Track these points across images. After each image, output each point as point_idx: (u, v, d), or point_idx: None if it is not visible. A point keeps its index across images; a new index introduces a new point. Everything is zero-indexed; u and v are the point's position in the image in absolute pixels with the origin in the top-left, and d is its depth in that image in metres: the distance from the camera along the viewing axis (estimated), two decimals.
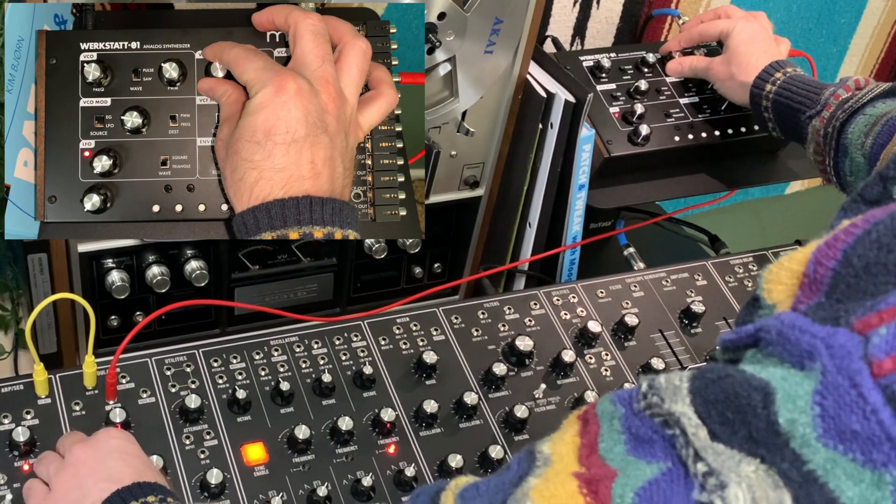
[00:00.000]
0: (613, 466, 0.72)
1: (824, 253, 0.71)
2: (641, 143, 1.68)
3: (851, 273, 0.69)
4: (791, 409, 0.64)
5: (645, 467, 0.70)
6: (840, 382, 0.62)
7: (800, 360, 0.66)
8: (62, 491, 1.08)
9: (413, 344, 1.41)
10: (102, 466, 1.09)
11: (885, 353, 0.62)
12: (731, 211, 2.24)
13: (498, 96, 1.56)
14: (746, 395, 0.66)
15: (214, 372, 1.33)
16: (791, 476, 0.63)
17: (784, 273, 0.75)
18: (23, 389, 1.26)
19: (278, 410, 1.31)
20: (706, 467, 0.66)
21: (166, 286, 1.45)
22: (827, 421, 0.62)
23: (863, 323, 0.64)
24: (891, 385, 0.61)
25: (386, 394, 1.36)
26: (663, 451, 0.70)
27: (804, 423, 0.63)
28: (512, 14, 1.45)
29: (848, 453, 0.62)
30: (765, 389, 0.66)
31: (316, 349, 1.38)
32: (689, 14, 2.05)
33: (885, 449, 0.61)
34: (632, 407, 0.74)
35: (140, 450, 1.15)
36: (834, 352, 0.64)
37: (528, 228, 1.68)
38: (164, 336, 1.53)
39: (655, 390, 0.72)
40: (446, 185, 1.61)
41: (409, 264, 1.70)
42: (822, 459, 0.63)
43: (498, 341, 1.44)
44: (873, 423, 0.61)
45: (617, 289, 1.55)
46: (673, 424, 0.70)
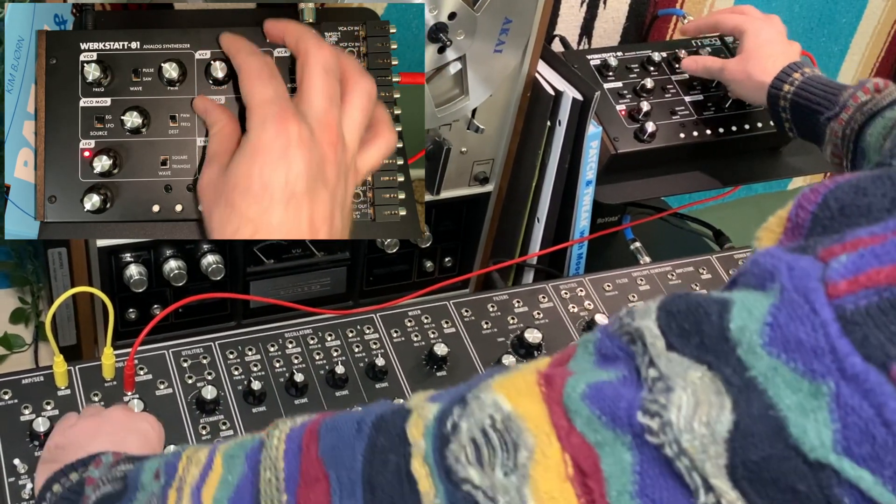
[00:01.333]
0: (571, 369, 0.73)
1: (806, 197, 0.73)
2: (647, 140, 1.67)
3: (828, 215, 0.70)
4: (745, 317, 0.64)
5: (602, 373, 0.71)
6: (795, 298, 0.63)
7: (762, 280, 0.67)
8: (80, 426, 1.11)
9: (424, 336, 1.41)
10: (120, 429, 1.10)
11: (841, 276, 0.62)
12: (735, 206, 2.24)
13: (507, 94, 1.56)
14: (706, 306, 0.67)
15: (230, 364, 1.32)
16: (733, 382, 0.64)
17: (773, 220, 0.76)
18: (43, 381, 1.25)
19: (293, 401, 1.31)
20: (657, 372, 0.67)
21: (183, 280, 1.45)
22: (775, 330, 0.63)
23: (827, 251, 0.65)
24: (843, 304, 0.61)
25: (398, 385, 1.35)
26: (624, 363, 0.71)
27: (753, 329, 0.64)
28: (521, 14, 1.45)
29: (790, 362, 0.62)
30: (723, 302, 0.67)
31: (329, 341, 1.37)
32: (694, 14, 2.05)
33: (826, 360, 0.61)
34: (607, 330, 0.74)
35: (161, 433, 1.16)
36: (794, 273, 0.64)
37: (536, 223, 1.68)
38: (181, 329, 1.52)
39: (630, 312, 0.73)
40: (457, 181, 1.61)
41: (421, 259, 1.70)
42: (763, 366, 0.63)
43: (507, 334, 1.44)
44: (820, 335, 0.61)
45: (623, 282, 1.55)
46: (637, 339, 0.70)
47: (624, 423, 0.67)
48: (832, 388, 0.60)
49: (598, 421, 0.68)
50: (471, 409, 0.74)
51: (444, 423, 0.75)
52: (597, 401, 0.68)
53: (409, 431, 0.77)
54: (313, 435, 0.83)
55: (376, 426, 0.80)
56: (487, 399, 0.74)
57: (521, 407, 0.72)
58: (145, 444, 1.11)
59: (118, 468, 0.96)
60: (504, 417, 0.72)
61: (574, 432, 0.69)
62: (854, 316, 0.61)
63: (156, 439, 1.14)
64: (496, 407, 0.73)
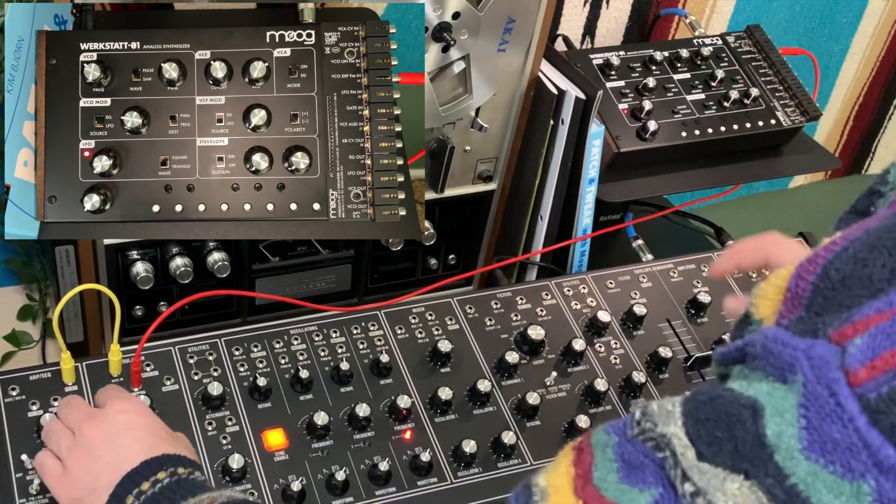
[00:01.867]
0: (609, 497, 0.71)
1: (805, 268, 0.71)
2: (649, 139, 1.67)
3: (829, 286, 0.69)
4: (779, 422, 0.63)
5: (638, 496, 0.70)
6: (820, 392, 0.62)
7: (782, 372, 0.65)
8: (75, 473, 1.08)
9: (428, 333, 1.41)
10: (112, 445, 1.08)
11: (859, 362, 0.61)
12: (736, 204, 2.23)
13: (510, 93, 1.55)
14: (737, 413, 0.66)
15: (236, 360, 1.32)
16: (775, 492, 0.63)
17: (770, 289, 0.75)
18: (50, 377, 1.25)
19: (298, 397, 1.30)
20: (693, 487, 0.66)
21: (189, 277, 1.44)
22: (811, 433, 0.62)
23: (839, 334, 0.64)
24: (865, 394, 0.60)
25: (402, 381, 1.35)
26: (654, 475, 0.70)
27: (790, 434, 0.63)
28: (524, 13, 1.44)
29: (829, 466, 0.61)
30: (753, 406, 0.65)
31: (334, 338, 1.37)
32: (695, 14, 2.04)
33: (862, 457, 0.60)
34: (625, 434, 0.73)
35: (149, 419, 1.14)
36: (814, 363, 0.63)
37: (539, 221, 1.68)
38: (187, 325, 1.52)
39: (649, 416, 0.72)
40: (460, 180, 1.60)
41: (425, 256, 1.70)
42: (803, 473, 0.62)
43: (511, 330, 1.44)
44: (850, 432, 0.60)
45: (626, 280, 1.54)
46: (664, 447, 0.69)
47: None
48: (872, 486, 0.60)
49: None
50: None
51: None
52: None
53: None
54: None
55: None
56: None
57: None
58: (138, 433, 1.10)
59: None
60: None
61: None
62: (878, 404, 0.60)
63: (138, 419, 1.12)
64: None
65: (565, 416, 1.36)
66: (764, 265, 1.35)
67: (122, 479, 1.04)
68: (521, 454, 1.32)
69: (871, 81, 2.51)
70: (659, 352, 1.43)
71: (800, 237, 1.68)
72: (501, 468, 1.30)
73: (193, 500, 1.01)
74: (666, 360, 1.43)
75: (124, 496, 1.03)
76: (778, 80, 1.81)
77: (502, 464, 1.30)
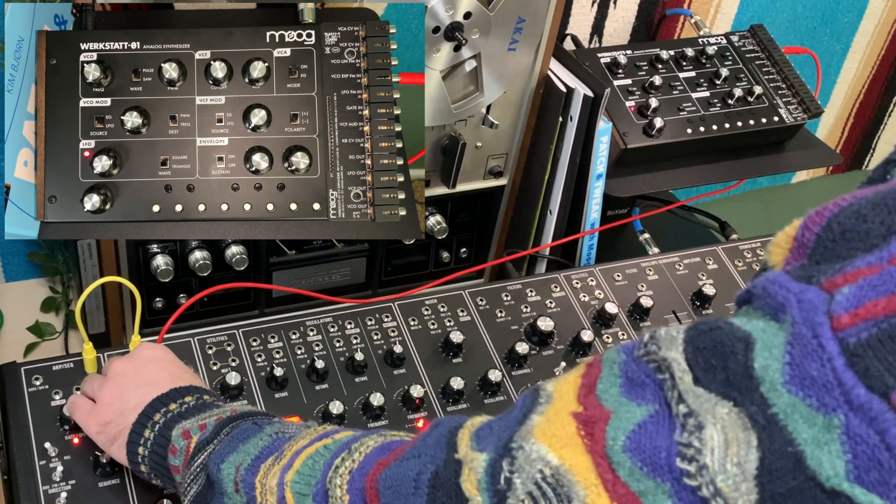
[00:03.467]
0: (608, 407, 0.74)
1: (812, 219, 0.74)
2: (656, 136, 1.66)
3: (830, 238, 0.71)
4: (766, 356, 0.66)
5: (635, 409, 0.72)
6: (804, 333, 0.65)
7: (775, 311, 0.69)
8: (106, 401, 1.11)
9: (441, 324, 1.40)
10: (141, 374, 1.11)
11: (844, 309, 0.64)
12: (740, 199, 2.22)
13: (520, 91, 1.55)
14: (731, 344, 0.69)
15: (253, 350, 1.31)
16: (757, 419, 0.66)
17: (782, 237, 0.77)
18: (73, 367, 1.25)
19: (314, 387, 1.30)
20: (686, 408, 0.69)
21: (208, 270, 1.44)
22: (794, 368, 0.65)
23: (830, 282, 0.67)
24: (846, 338, 0.63)
25: (415, 371, 1.34)
26: (653, 393, 0.72)
27: (775, 369, 0.66)
28: (534, 13, 1.43)
29: (806, 399, 0.64)
30: (747, 339, 0.68)
31: (349, 329, 1.36)
32: (701, 14, 2.03)
33: (835, 394, 0.63)
34: (632, 354, 0.76)
35: (175, 357, 1.17)
36: (803, 305, 0.66)
37: (548, 215, 1.67)
38: (206, 317, 1.52)
39: (655, 339, 0.74)
40: (472, 175, 1.59)
41: (437, 249, 1.69)
42: (784, 403, 0.65)
43: (521, 322, 1.43)
44: (828, 370, 0.63)
45: (633, 272, 1.53)
46: (664, 369, 0.72)
47: (664, 471, 0.69)
48: (842, 420, 0.63)
49: (639, 472, 0.70)
50: (519, 463, 0.75)
51: (497, 477, 0.77)
52: (637, 452, 0.70)
53: (463, 486, 0.79)
54: (374, 492, 0.86)
55: (432, 484, 0.82)
56: (533, 452, 0.75)
57: (567, 460, 0.73)
58: (165, 365, 1.14)
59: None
60: (553, 471, 0.73)
61: (619, 483, 0.71)
62: (856, 348, 0.63)
63: (165, 353, 1.16)
64: (544, 461, 0.74)
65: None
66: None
67: (152, 400, 1.07)
68: None
69: (871, 79, 2.50)
70: None
71: None
72: None
73: (203, 415, 1.05)
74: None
75: (152, 414, 1.06)
76: (781, 78, 1.80)
77: None
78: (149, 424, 1.06)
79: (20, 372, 1.23)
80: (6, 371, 1.24)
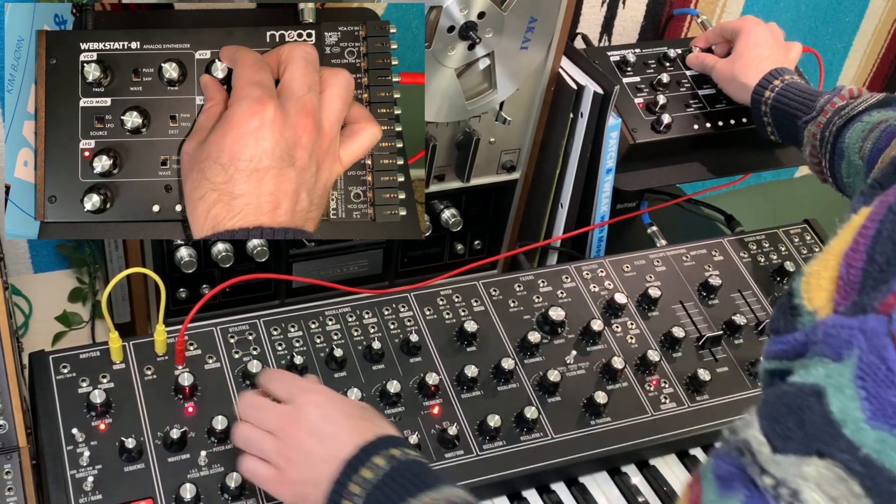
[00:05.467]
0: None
1: (851, 257, 0.72)
2: (663, 131, 1.65)
3: (877, 269, 0.70)
4: (841, 398, 0.63)
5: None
6: (872, 361, 0.62)
7: (838, 351, 0.65)
8: (295, 471, 1.06)
9: (455, 314, 1.39)
10: (320, 440, 1.06)
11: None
12: (745, 193, 2.21)
13: (532, 88, 1.54)
14: (802, 399, 0.66)
15: (274, 340, 1.30)
16: (852, 466, 0.62)
17: (823, 280, 0.74)
18: (99, 356, 1.24)
19: (332, 375, 1.29)
20: (772, 479, 0.66)
21: (230, 261, 1.43)
22: (872, 402, 0.61)
23: (884, 305, 0.64)
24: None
25: (430, 360, 1.33)
26: (740, 480, 0.70)
27: (853, 407, 0.62)
28: (545, 13, 1.43)
29: (894, 429, 0.60)
30: (816, 389, 0.65)
31: (367, 319, 1.35)
32: (707, 13, 2.02)
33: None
34: (718, 454, 0.73)
35: (338, 402, 1.12)
36: (867, 335, 0.63)
37: (560, 209, 1.67)
38: (228, 307, 1.51)
39: (733, 429, 0.72)
40: (485, 170, 1.59)
41: (452, 241, 1.68)
42: (872, 441, 0.61)
43: (533, 312, 1.42)
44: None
45: (641, 264, 1.52)
46: (745, 451, 0.69)
47: None
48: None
49: None
50: None
51: None
52: None
53: None
54: None
55: None
56: None
57: None
58: (337, 419, 1.09)
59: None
60: None
61: None
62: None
63: (330, 406, 1.10)
64: None
65: (584, 392, 1.34)
66: (736, 30, 1.63)
67: (344, 467, 1.02)
68: (542, 428, 1.30)
69: (871, 77, 2.49)
70: (672, 332, 1.42)
71: (805, 224, 1.66)
72: (524, 441, 1.28)
73: (414, 500, 0.99)
74: (679, 339, 1.41)
75: (347, 483, 1.01)
76: None
77: (525, 437, 1.29)
78: (344, 494, 1.02)
79: (48, 360, 1.22)
80: (35, 359, 1.23)
